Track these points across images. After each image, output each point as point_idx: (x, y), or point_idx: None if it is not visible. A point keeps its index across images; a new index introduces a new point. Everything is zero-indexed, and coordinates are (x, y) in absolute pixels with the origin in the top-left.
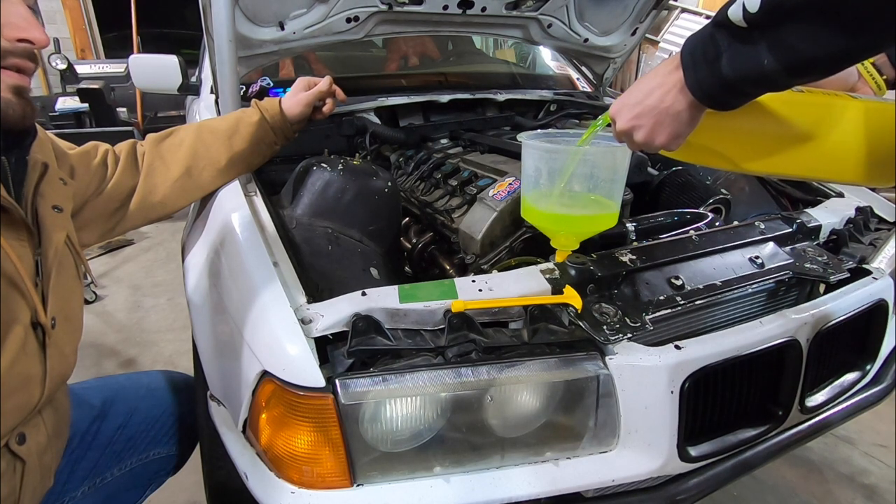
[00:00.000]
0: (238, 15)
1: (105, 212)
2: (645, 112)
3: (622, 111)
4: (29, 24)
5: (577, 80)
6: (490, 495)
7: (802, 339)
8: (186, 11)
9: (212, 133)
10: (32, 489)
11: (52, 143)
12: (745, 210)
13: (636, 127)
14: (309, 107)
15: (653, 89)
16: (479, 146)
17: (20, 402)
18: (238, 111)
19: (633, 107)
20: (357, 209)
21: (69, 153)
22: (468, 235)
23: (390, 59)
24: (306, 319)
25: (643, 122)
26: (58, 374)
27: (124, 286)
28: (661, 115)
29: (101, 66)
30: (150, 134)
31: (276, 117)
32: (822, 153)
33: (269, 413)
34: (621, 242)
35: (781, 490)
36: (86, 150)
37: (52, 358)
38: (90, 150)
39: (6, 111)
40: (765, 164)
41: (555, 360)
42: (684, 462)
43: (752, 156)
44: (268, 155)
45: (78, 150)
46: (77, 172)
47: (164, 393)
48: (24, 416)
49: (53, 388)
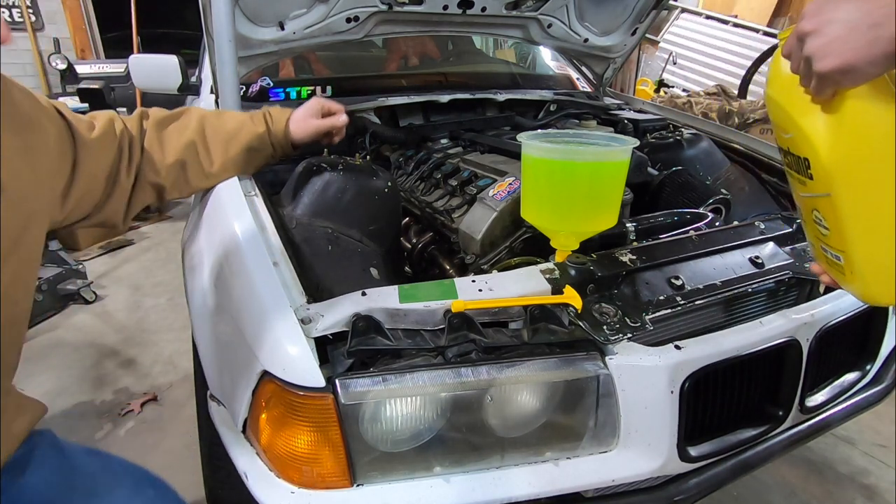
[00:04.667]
0: (238, 15)
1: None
2: (840, 19)
3: (818, 9)
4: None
5: (577, 80)
6: (490, 495)
7: (802, 339)
8: (186, 11)
9: (215, 133)
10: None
11: (67, 124)
12: (745, 210)
13: (817, 31)
14: (316, 137)
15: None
16: (479, 146)
17: None
18: (245, 115)
19: (832, 8)
20: (357, 209)
21: (86, 136)
22: (468, 235)
23: (390, 59)
24: (306, 319)
25: (828, 31)
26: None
27: (124, 286)
28: (856, 31)
29: (101, 66)
30: (156, 110)
31: (280, 135)
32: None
33: (269, 413)
34: (621, 242)
35: (781, 490)
36: (106, 132)
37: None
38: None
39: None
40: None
41: (555, 360)
42: (684, 462)
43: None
44: (261, 166)
45: (99, 131)
46: (91, 153)
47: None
48: None
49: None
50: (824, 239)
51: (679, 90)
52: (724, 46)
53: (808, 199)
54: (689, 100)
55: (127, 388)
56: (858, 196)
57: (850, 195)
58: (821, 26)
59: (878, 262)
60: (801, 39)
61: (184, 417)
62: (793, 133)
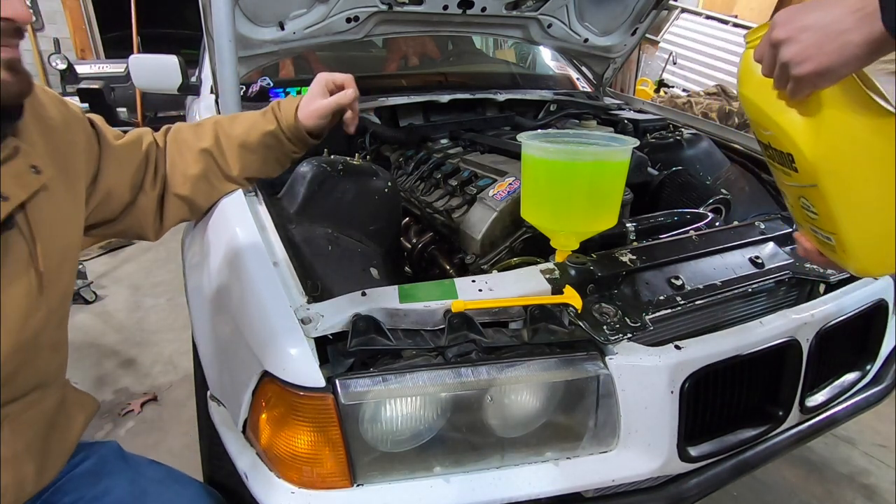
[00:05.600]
0: (238, 15)
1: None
2: (811, 26)
3: (787, 18)
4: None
5: (577, 80)
6: (490, 495)
7: (802, 340)
8: (186, 11)
9: (227, 138)
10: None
11: (95, 131)
12: (745, 210)
13: (791, 39)
14: (326, 118)
15: (835, 6)
16: (479, 146)
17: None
18: (257, 114)
19: (802, 17)
20: (357, 209)
21: (112, 143)
22: (468, 235)
23: (390, 59)
24: (306, 319)
25: (802, 38)
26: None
27: (124, 286)
28: (828, 37)
29: (101, 66)
30: (181, 125)
31: (291, 127)
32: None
33: (270, 413)
34: (621, 242)
35: (781, 490)
36: (132, 141)
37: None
38: (136, 141)
39: (3, 90)
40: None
41: (555, 361)
42: (684, 462)
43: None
44: (287, 163)
45: (126, 139)
46: (117, 162)
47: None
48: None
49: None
50: (814, 222)
51: (679, 90)
52: (724, 46)
53: (795, 189)
54: (689, 100)
55: (127, 388)
56: (843, 184)
57: (836, 184)
58: (795, 34)
59: (867, 239)
60: (776, 46)
61: (184, 417)
62: (773, 131)
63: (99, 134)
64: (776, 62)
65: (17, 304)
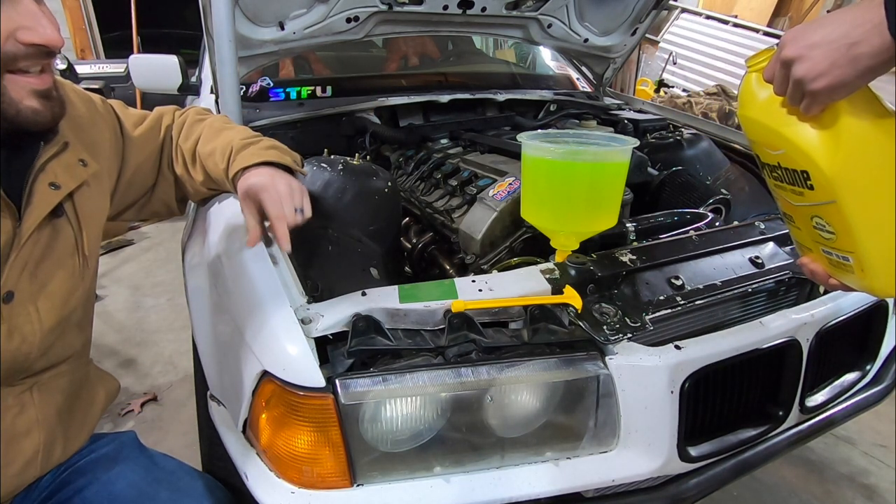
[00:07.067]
0: (238, 15)
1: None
2: (820, 43)
3: (795, 37)
4: (38, 22)
5: (577, 80)
6: (490, 495)
7: (802, 339)
8: (186, 11)
9: (202, 149)
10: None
11: (118, 122)
12: (745, 210)
13: (803, 57)
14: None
15: (842, 21)
16: (479, 146)
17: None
18: (226, 142)
19: (811, 35)
20: (357, 209)
21: (131, 133)
22: (468, 235)
23: (390, 59)
24: (306, 319)
25: (813, 55)
26: (8, 353)
27: (124, 286)
28: (839, 52)
29: (101, 66)
30: (196, 108)
31: (229, 182)
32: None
33: (270, 413)
34: (621, 242)
35: (781, 490)
36: (151, 127)
37: (2, 335)
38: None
39: (34, 119)
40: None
41: (555, 361)
42: (684, 462)
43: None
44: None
45: (144, 126)
46: (139, 149)
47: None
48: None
49: (7, 370)
50: (829, 243)
51: (679, 90)
52: (724, 46)
53: (808, 208)
54: (689, 100)
55: (127, 388)
56: (864, 195)
57: (856, 196)
58: (805, 51)
59: (890, 254)
60: (787, 65)
61: (184, 417)
62: (784, 149)
63: (122, 126)
64: (789, 80)
65: (64, 284)
